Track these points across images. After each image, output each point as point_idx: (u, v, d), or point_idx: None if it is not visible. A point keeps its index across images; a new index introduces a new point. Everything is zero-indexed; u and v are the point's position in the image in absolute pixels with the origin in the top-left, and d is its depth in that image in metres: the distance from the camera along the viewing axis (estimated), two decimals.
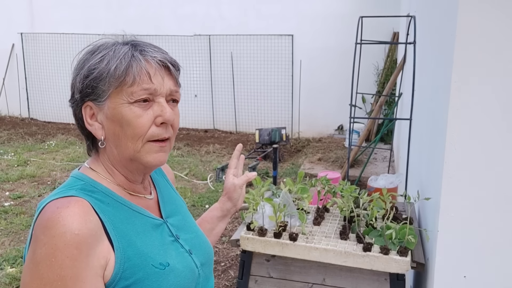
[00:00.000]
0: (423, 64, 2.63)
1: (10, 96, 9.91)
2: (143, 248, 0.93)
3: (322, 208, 1.99)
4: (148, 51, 0.96)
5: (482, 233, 1.34)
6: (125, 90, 0.92)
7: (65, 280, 0.81)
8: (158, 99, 0.94)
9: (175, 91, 0.98)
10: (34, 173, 6.08)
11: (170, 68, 0.97)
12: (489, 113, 1.28)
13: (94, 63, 0.93)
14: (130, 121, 0.92)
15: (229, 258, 3.85)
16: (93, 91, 0.93)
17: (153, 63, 0.94)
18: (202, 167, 6.58)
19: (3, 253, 3.86)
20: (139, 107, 0.92)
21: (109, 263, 0.87)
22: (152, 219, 1.01)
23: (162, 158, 0.97)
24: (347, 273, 1.64)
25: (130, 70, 0.92)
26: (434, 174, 1.56)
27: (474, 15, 1.24)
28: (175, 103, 1.01)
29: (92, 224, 0.85)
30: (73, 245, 0.81)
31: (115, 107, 0.92)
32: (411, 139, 2.96)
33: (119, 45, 0.96)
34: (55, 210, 0.84)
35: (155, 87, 0.93)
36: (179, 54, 8.76)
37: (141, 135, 0.93)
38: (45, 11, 9.48)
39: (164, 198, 1.12)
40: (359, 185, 5.17)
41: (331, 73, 8.13)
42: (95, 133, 0.96)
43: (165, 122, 0.94)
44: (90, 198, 0.90)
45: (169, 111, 0.95)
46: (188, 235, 1.09)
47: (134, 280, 0.89)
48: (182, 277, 0.97)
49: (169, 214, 1.09)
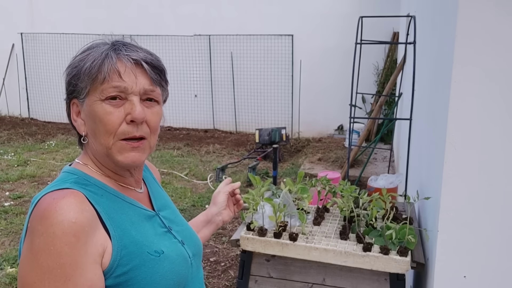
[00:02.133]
0: (423, 64, 2.63)
1: (10, 96, 9.91)
2: (138, 236, 0.96)
3: (322, 208, 1.99)
4: (123, 50, 0.96)
5: (482, 233, 1.34)
6: (98, 88, 0.94)
7: (64, 268, 0.82)
8: (130, 97, 0.95)
9: (150, 90, 0.98)
10: (34, 173, 6.08)
11: (144, 66, 0.97)
12: (489, 113, 1.28)
13: (75, 62, 0.98)
14: (101, 118, 0.94)
15: (229, 258, 3.85)
16: (75, 89, 0.98)
17: (125, 61, 0.95)
18: (202, 167, 6.58)
19: (3, 253, 3.86)
20: (110, 104, 0.94)
21: (106, 251, 0.89)
22: (145, 211, 1.04)
23: (135, 158, 0.98)
24: (347, 273, 1.64)
25: (102, 68, 0.94)
26: (434, 174, 1.56)
27: (474, 15, 1.24)
28: (154, 102, 1.00)
29: (88, 214, 0.88)
30: (71, 232, 0.83)
31: (91, 104, 0.95)
32: (411, 139, 2.96)
33: (103, 45, 0.98)
34: (51, 201, 0.86)
35: (126, 85, 0.94)
36: (179, 54, 8.76)
37: (112, 132, 0.94)
38: (45, 11, 9.48)
39: (154, 193, 1.15)
40: (359, 185, 5.17)
41: (331, 73, 8.13)
42: (78, 129, 1.01)
43: (133, 120, 0.95)
44: (84, 191, 0.92)
45: (138, 109, 0.95)
46: (179, 227, 1.13)
47: (131, 267, 0.92)
48: (176, 264, 1.00)
49: (161, 208, 1.12)
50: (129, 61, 0.95)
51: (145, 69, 0.97)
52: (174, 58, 8.73)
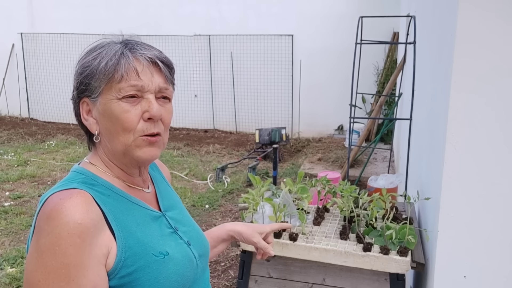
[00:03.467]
0: (423, 64, 2.63)
1: (10, 96, 9.91)
2: (143, 238, 0.96)
3: (322, 208, 1.99)
4: (138, 48, 0.98)
5: (482, 233, 1.34)
6: (114, 87, 0.94)
7: (69, 268, 0.83)
8: (146, 95, 0.96)
9: (164, 88, 0.99)
10: (34, 173, 6.08)
11: (160, 65, 0.98)
12: (489, 113, 1.28)
13: (87, 61, 0.97)
14: (118, 116, 0.95)
15: (229, 258, 3.85)
16: (87, 88, 0.97)
17: (141, 60, 0.96)
18: (202, 167, 6.58)
19: (3, 253, 3.86)
20: (127, 102, 0.95)
21: (111, 252, 0.90)
22: (151, 211, 1.05)
23: (153, 153, 0.99)
24: (347, 273, 1.64)
25: (118, 67, 0.94)
26: (434, 174, 1.56)
27: (474, 15, 1.24)
28: (167, 100, 1.02)
29: (94, 214, 0.89)
30: (76, 234, 0.84)
31: (106, 103, 0.95)
32: (411, 139, 2.96)
33: (113, 43, 0.99)
34: (58, 201, 0.87)
35: (143, 83, 0.95)
36: (179, 54, 8.76)
37: (130, 129, 0.95)
38: (45, 11, 9.48)
39: (161, 193, 1.15)
40: (359, 185, 5.17)
41: (331, 73, 8.13)
42: (90, 128, 1.00)
43: (151, 117, 0.96)
44: (91, 191, 0.93)
45: (156, 106, 0.96)
46: (186, 228, 1.13)
47: (135, 268, 0.92)
48: (181, 266, 1.01)
49: (167, 208, 1.12)
50: (145, 60, 0.96)
51: (160, 68, 0.98)
52: (174, 58, 8.63)
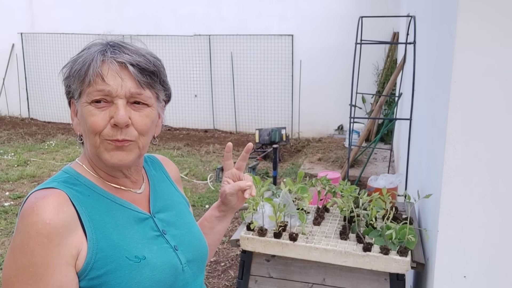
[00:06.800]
0: (423, 64, 2.63)
1: (10, 96, 9.91)
2: (118, 240, 0.95)
3: (322, 208, 1.99)
4: (109, 52, 0.94)
5: (482, 233, 1.34)
6: (85, 90, 0.95)
7: (36, 267, 0.85)
8: (116, 101, 0.93)
9: (137, 93, 0.95)
10: (34, 173, 6.08)
11: (130, 69, 0.94)
12: (489, 113, 1.28)
13: (69, 64, 0.98)
14: (86, 119, 0.95)
15: (229, 258, 3.85)
16: (69, 90, 0.99)
17: (111, 64, 0.93)
18: (202, 167, 6.58)
19: (3, 253, 3.86)
20: (95, 107, 0.94)
21: (81, 253, 0.90)
22: (137, 213, 1.02)
23: (121, 157, 0.96)
24: (347, 273, 1.64)
25: (88, 72, 0.93)
26: (434, 174, 1.56)
27: (474, 15, 1.24)
28: (143, 105, 0.97)
29: (66, 215, 0.89)
30: (44, 234, 0.85)
31: (81, 106, 0.96)
32: (411, 139, 2.96)
33: (96, 46, 0.97)
34: (32, 200, 0.89)
35: (110, 88, 0.92)
36: (179, 54, 8.76)
37: (96, 132, 0.95)
38: (45, 11, 9.48)
39: (157, 193, 1.12)
40: (359, 185, 5.17)
41: (331, 73, 8.13)
42: (74, 128, 1.02)
43: (116, 124, 0.93)
44: (70, 190, 0.93)
45: (121, 113, 0.92)
46: (178, 231, 1.09)
47: (105, 271, 0.91)
48: (158, 271, 0.98)
49: (160, 209, 1.09)
50: (114, 64, 0.93)
51: (131, 72, 0.94)
52: (174, 58, 8.73)
